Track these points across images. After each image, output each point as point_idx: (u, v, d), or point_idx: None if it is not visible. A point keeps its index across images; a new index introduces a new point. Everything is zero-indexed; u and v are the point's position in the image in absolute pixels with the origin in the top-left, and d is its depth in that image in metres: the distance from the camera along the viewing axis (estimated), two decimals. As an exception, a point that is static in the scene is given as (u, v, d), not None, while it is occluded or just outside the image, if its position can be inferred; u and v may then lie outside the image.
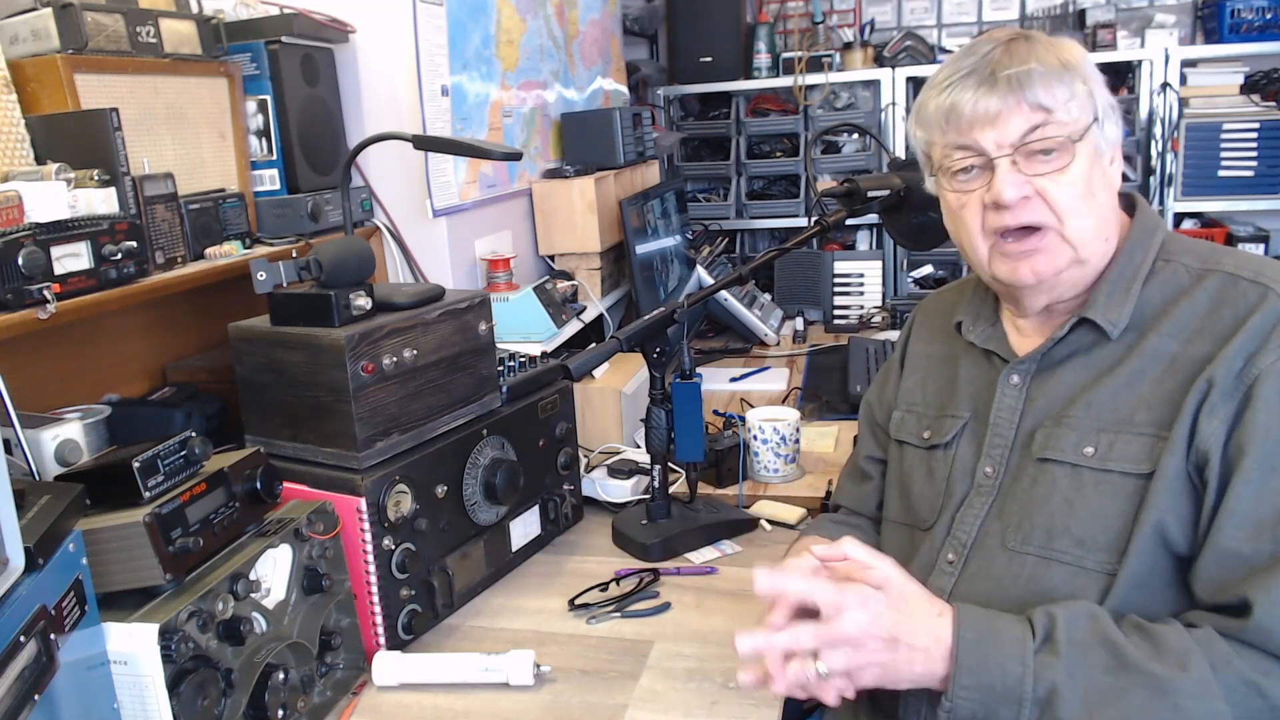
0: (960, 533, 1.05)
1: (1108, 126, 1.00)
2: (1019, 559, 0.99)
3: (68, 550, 0.84)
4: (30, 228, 1.09)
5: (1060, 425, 1.00)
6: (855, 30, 3.49)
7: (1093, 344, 1.02)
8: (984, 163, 0.99)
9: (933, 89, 1.02)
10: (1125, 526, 0.93)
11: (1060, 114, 0.96)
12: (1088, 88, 0.97)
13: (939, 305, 1.25)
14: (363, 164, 1.86)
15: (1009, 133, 0.97)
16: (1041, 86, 0.95)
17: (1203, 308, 0.96)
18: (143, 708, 0.89)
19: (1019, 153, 0.97)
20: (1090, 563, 0.95)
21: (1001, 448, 1.05)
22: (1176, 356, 0.96)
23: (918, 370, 1.22)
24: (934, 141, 1.03)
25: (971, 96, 0.97)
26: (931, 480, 1.11)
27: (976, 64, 0.98)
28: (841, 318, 2.91)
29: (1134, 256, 1.02)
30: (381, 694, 1.16)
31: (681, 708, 1.09)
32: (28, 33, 1.27)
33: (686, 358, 1.47)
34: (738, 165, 3.45)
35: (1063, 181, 0.97)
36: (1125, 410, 0.97)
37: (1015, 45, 0.98)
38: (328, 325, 1.19)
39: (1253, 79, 2.95)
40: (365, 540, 1.18)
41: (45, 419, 1.19)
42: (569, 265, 2.36)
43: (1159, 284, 1.00)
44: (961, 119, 0.98)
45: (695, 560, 1.45)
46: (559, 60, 2.54)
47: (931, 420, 1.15)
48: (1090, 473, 0.96)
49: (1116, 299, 1.00)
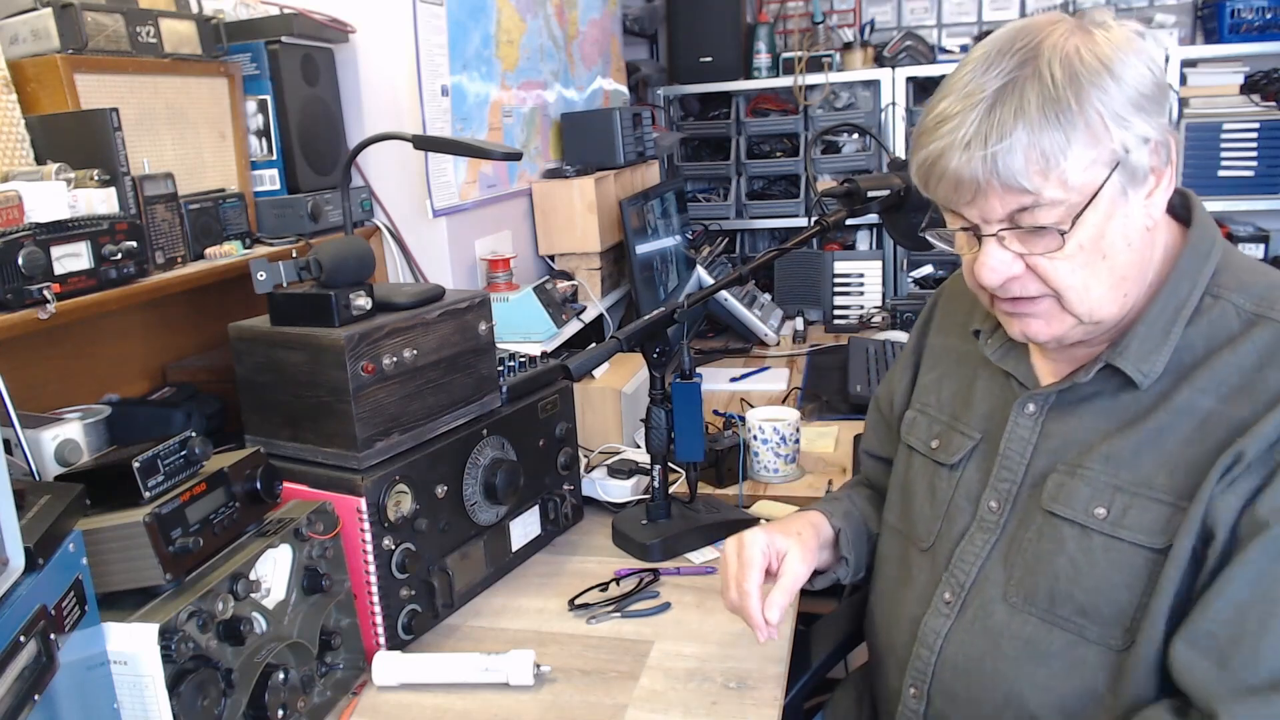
0: (959, 571, 1.00)
1: (1137, 159, 0.84)
2: (1020, 616, 0.94)
3: (68, 550, 0.84)
4: (30, 228, 1.09)
5: (1074, 476, 0.92)
6: (855, 30, 3.49)
7: (1119, 388, 0.92)
8: (974, 230, 0.89)
9: (922, 131, 0.89)
10: (1133, 602, 0.87)
11: (1051, 192, 0.82)
12: (1099, 137, 0.82)
13: (963, 293, 1.13)
14: (363, 164, 1.86)
15: (992, 211, 0.86)
16: (1025, 165, 0.81)
17: (1248, 363, 0.85)
18: (143, 708, 0.89)
19: (1007, 230, 0.86)
20: (1092, 634, 0.89)
21: (1010, 483, 0.98)
22: (1210, 415, 0.85)
23: (936, 366, 1.14)
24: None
25: (948, 167, 0.85)
26: (933, 500, 1.06)
27: (962, 121, 0.83)
28: (841, 318, 2.91)
29: (1179, 290, 0.90)
30: (381, 694, 1.16)
31: (681, 708, 1.09)
32: (28, 33, 1.27)
33: (686, 358, 1.47)
34: (738, 165, 3.45)
35: (1059, 258, 0.85)
36: (1146, 470, 0.88)
37: (1005, 97, 0.82)
38: (328, 325, 1.19)
39: (1253, 79, 2.95)
40: (365, 540, 1.18)
41: (45, 419, 1.19)
42: (569, 265, 2.36)
43: (1204, 326, 0.89)
44: (941, 186, 0.88)
45: (695, 560, 1.45)
46: (559, 60, 2.54)
47: (942, 429, 1.09)
48: (1100, 537, 0.89)
49: (1152, 344, 0.89)
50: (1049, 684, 0.91)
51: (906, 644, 1.04)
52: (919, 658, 1.01)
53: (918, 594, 1.04)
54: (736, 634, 1.22)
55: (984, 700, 0.96)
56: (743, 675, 1.14)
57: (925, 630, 1.01)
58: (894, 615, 1.09)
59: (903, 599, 1.07)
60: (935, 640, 1.00)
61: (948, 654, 0.99)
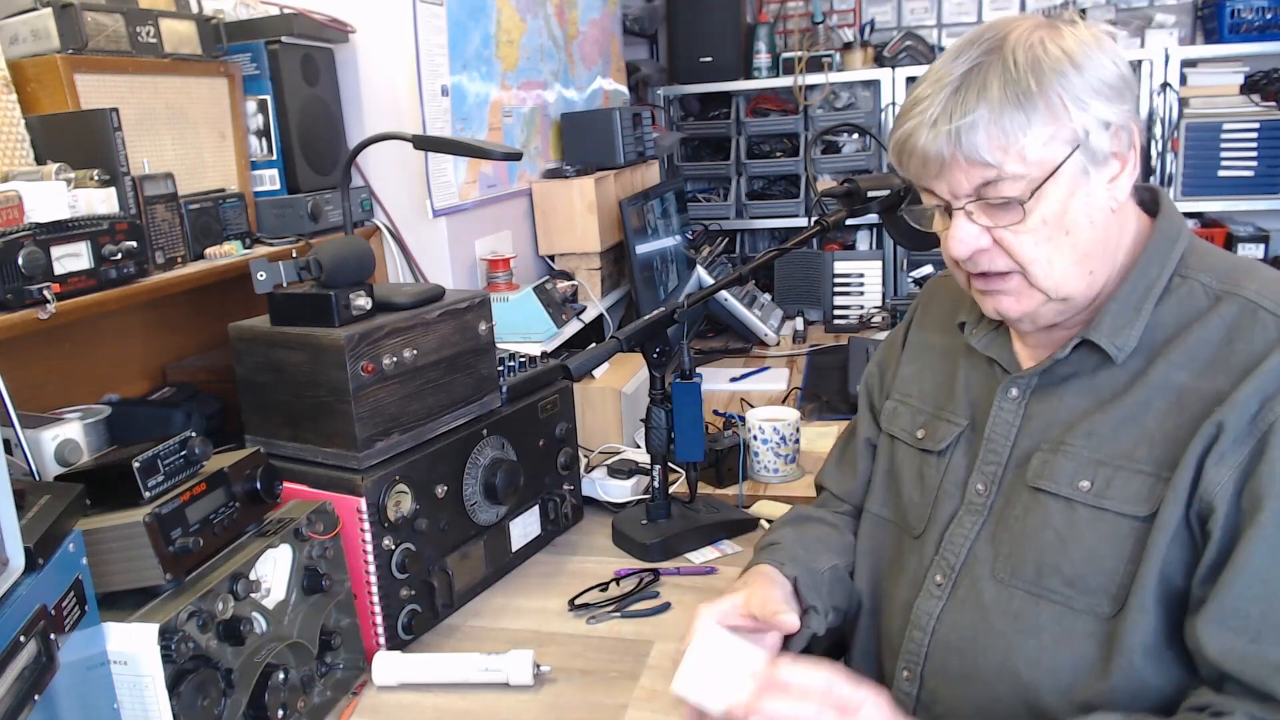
0: (949, 553, 1.02)
1: (1097, 143, 0.88)
2: (1007, 592, 0.96)
3: (68, 550, 0.84)
4: (30, 228, 1.09)
5: (1057, 453, 0.95)
6: (855, 30, 3.50)
7: (1096, 366, 0.96)
8: (945, 206, 0.94)
9: (900, 115, 0.95)
10: (1119, 569, 0.89)
11: (1012, 166, 0.87)
12: (1058, 118, 0.86)
13: (946, 291, 1.19)
14: (363, 164, 1.86)
15: (959, 186, 0.91)
16: (986, 139, 0.86)
17: (1216, 336, 0.89)
18: (143, 708, 0.89)
19: (974, 203, 0.91)
20: (1080, 604, 0.91)
21: (995, 465, 1.01)
22: (1185, 389, 0.89)
23: (916, 360, 1.18)
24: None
25: (917, 145, 0.90)
26: (922, 487, 1.08)
27: (931, 102, 0.89)
28: (841, 318, 2.91)
29: (1148, 271, 0.95)
30: (381, 694, 1.16)
31: (681, 707, 1.09)
32: (28, 33, 1.27)
33: (686, 358, 1.47)
34: (738, 165, 3.45)
35: (1022, 232, 0.90)
36: (1126, 444, 0.91)
37: (973, 78, 0.87)
38: (328, 325, 1.19)
39: (1253, 79, 2.95)
40: (365, 540, 1.18)
41: (45, 419, 1.19)
42: (569, 265, 2.36)
43: (1173, 304, 0.93)
44: (912, 164, 0.93)
45: (695, 560, 1.45)
46: (559, 60, 2.54)
47: (927, 419, 1.11)
48: (1085, 509, 0.92)
49: (1124, 319, 0.94)
50: (1040, 655, 0.93)
51: (900, 629, 1.04)
52: (912, 640, 1.02)
53: (909, 579, 1.05)
54: (736, 634, 1.22)
55: (976, 677, 0.97)
56: (743, 675, 1.14)
57: (918, 613, 1.02)
58: (887, 603, 1.10)
59: (895, 586, 1.08)
60: (928, 622, 1.01)
61: (940, 634, 1.00)
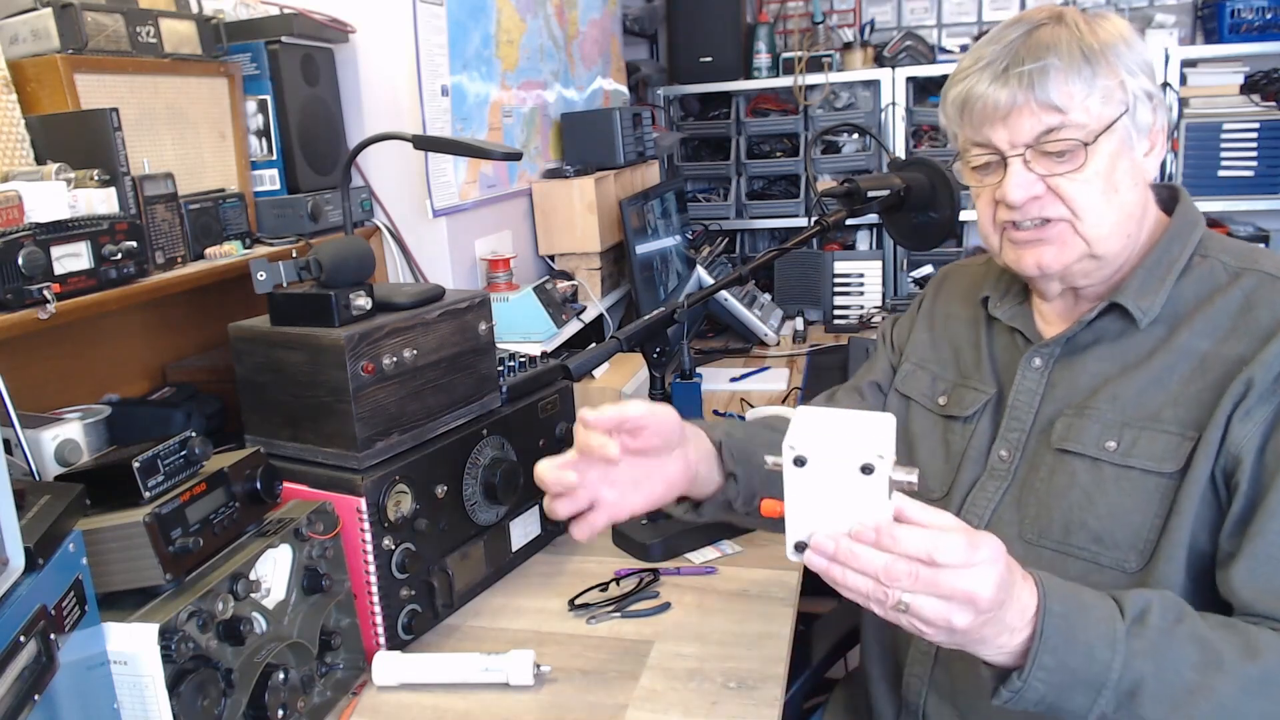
0: (971, 517, 1.03)
1: (1141, 113, 0.96)
2: (1034, 551, 0.98)
3: (68, 550, 0.84)
4: (30, 228, 1.09)
5: (1082, 416, 0.98)
6: (855, 30, 3.49)
7: (1120, 333, 1.00)
8: (998, 159, 0.98)
9: (955, 76, 1.01)
10: (1145, 525, 0.92)
11: (1076, 114, 0.93)
12: (1118, 77, 0.94)
13: (963, 273, 1.23)
14: (363, 164, 1.86)
15: (1021, 132, 0.95)
16: (1056, 85, 0.92)
17: (1237, 306, 0.94)
18: (143, 708, 0.89)
19: (1032, 151, 0.95)
20: (1106, 560, 0.93)
21: (1019, 432, 1.04)
22: (1208, 355, 0.93)
23: (932, 328, 1.21)
24: (953, 131, 1.03)
25: (984, 92, 0.95)
26: (946, 452, 1.10)
27: (996, 55, 0.96)
28: (841, 318, 2.91)
29: (1170, 249, 1.00)
30: (381, 694, 1.16)
31: (681, 708, 1.09)
32: (28, 33, 1.27)
33: (686, 358, 1.47)
34: (738, 165, 3.45)
35: (1079, 180, 0.95)
36: (1152, 406, 0.94)
37: (1040, 34, 0.94)
38: (328, 325, 1.19)
39: (1253, 79, 2.95)
40: (365, 540, 1.18)
41: (45, 419, 1.19)
42: (569, 265, 2.36)
43: (1194, 279, 0.98)
44: (974, 114, 0.97)
45: (695, 560, 1.45)
46: (559, 60, 2.54)
47: (950, 387, 1.14)
48: (1111, 468, 0.95)
49: (1150, 287, 0.98)
50: None
51: None
52: None
53: None
54: (736, 634, 1.23)
55: None
56: (742, 675, 1.14)
57: None
58: None
59: None
60: None
61: None
